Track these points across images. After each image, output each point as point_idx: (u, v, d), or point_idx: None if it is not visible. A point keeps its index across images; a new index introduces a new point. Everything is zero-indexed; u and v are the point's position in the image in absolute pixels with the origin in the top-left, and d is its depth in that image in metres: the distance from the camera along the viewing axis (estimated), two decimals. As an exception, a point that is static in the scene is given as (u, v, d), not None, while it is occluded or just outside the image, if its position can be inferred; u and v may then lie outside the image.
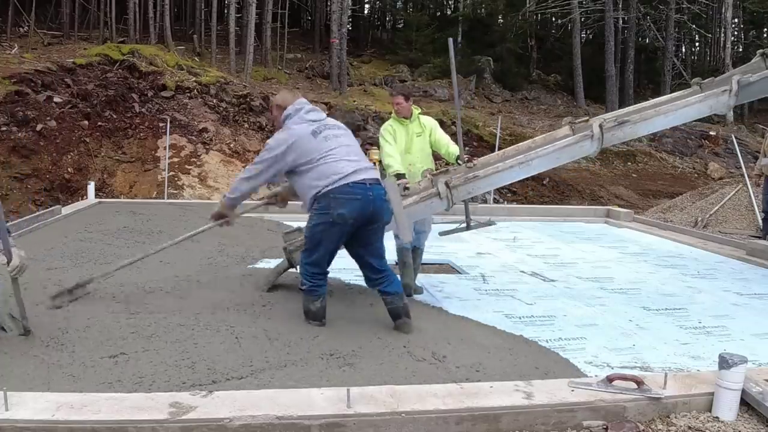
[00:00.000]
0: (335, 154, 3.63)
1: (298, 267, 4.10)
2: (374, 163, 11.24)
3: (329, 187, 3.52)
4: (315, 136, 3.69)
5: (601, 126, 4.76)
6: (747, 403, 2.80)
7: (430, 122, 4.88)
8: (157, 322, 3.65)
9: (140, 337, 3.45)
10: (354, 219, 3.53)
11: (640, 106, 5.31)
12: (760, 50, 5.25)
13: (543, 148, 4.95)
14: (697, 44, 33.16)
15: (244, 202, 4.18)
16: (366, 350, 3.39)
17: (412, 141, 4.76)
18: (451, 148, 4.70)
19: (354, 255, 3.85)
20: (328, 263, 3.77)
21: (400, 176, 4.47)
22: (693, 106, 5.05)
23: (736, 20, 28.66)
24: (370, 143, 14.90)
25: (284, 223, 6.88)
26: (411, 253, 4.74)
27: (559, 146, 4.87)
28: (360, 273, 3.94)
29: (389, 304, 3.76)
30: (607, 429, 2.64)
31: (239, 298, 4.25)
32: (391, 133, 4.70)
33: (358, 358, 3.27)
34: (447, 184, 4.48)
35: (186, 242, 4.75)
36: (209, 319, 3.76)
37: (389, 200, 3.81)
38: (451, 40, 4.85)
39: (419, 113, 4.86)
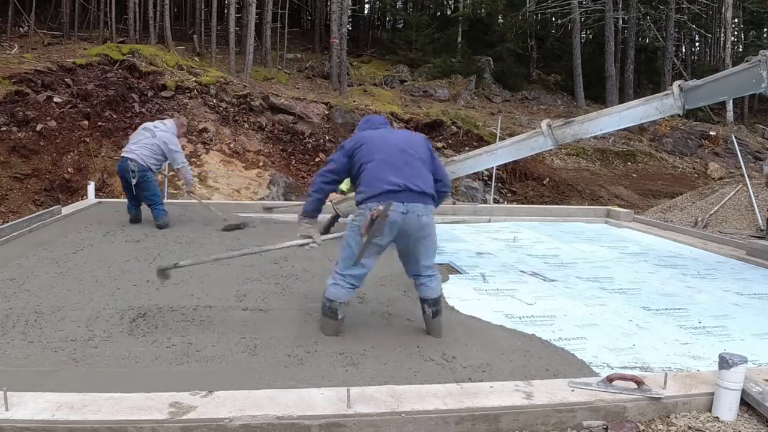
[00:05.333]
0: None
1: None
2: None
3: None
4: None
5: (549, 125, 5.65)
6: (747, 403, 2.80)
7: None
8: (164, 321, 3.66)
9: (143, 336, 3.45)
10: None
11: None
12: (746, 58, 5.36)
13: (506, 140, 6.17)
14: (697, 44, 33.16)
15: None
16: (377, 350, 3.39)
17: None
18: None
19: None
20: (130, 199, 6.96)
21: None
22: (636, 108, 5.64)
23: (736, 20, 28.67)
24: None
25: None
26: None
27: (517, 140, 5.93)
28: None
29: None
30: (607, 429, 2.64)
31: (261, 295, 4.30)
32: None
33: (365, 358, 3.28)
34: None
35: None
36: (223, 316, 3.79)
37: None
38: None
39: None
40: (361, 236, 3.35)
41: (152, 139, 6.81)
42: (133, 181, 6.66)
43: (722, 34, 26.32)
